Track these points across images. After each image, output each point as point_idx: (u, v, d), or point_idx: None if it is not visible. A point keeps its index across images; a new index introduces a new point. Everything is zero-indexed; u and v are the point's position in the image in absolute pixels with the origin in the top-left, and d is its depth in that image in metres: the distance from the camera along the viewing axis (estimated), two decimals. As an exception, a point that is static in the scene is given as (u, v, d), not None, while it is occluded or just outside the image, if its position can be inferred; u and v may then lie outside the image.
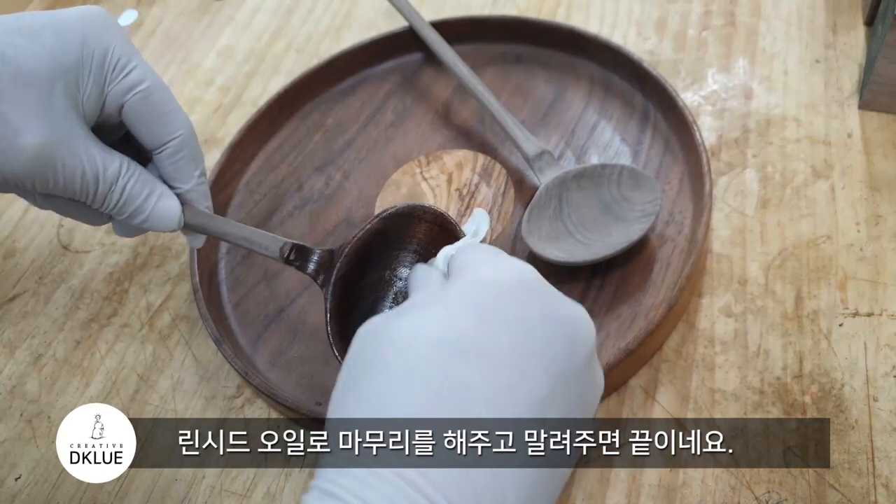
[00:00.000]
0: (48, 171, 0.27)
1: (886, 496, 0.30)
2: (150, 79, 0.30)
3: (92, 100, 0.28)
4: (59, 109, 0.27)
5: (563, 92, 0.46)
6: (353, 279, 0.31)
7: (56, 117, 0.27)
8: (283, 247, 0.32)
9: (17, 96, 0.26)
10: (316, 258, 0.32)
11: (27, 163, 0.27)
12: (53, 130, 0.27)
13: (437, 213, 0.31)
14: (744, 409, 0.33)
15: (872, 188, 0.39)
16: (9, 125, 0.26)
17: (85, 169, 0.28)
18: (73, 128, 0.28)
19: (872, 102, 0.41)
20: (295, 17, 0.58)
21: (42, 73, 0.27)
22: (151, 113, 0.30)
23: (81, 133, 0.28)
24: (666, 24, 0.49)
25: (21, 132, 0.26)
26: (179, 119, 0.31)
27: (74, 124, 0.28)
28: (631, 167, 0.38)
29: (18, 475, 0.37)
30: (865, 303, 0.35)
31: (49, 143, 0.27)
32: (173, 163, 0.31)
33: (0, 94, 0.26)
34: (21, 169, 0.27)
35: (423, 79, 0.49)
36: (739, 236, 0.38)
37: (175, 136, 0.31)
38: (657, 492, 0.31)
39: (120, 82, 0.29)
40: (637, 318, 0.36)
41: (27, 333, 0.43)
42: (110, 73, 0.29)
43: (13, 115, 0.26)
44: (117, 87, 0.29)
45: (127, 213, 0.30)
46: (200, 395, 0.38)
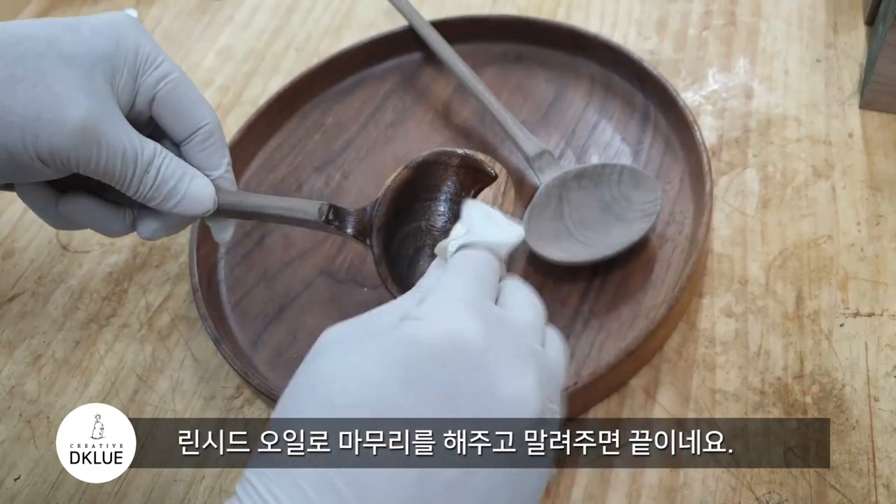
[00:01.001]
0: (92, 146, 0.28)
1: (887, 496, 0.30)
2: (177, 71, 0.31)
3: (126, 89, 0.30)
4: (99, 90, 0.28)
5: (564, 91, 0.46)
6: (392, 229, 0.32)
7: (98, 96, 0.28)
8: (322, 208, 0.32)
9: (62, 73, 0.27)
10: (353, 218, 0.33)
11: (72, 135, 0.27)
12: (97, 106, 0.28)
13: (462, 155, 0.32)
14: (744, 409, 0.33)
15: (873, 188, 0.39)
16: (56, 96, 0.27)
17: (126, 147, 0.29)
18: (113, 109, 0.29)
19: (873, 102, 0.41)
20: (295, 17, 0.57)
21: (83, 58, 0.28)
22: (181, 102, 0.31)
23: (119, 115, 0.29)
24: (666, 24, 0.49)
25: (67, 104, 0.27)
26: (206, 108, 0.32)
27: (113, 106, 0.29)
28: (631, 167, 0.38)
29: (18, 475, 0.37)
30: (866, 303, 0.35)
31: (92, 118, 0.27)
32: (202, 150, 0.32)
33: (46, 71, 0.27)
34: (66, 142, 0.27)
35: (423, 78, 0.49)
36: (740, 236, 0.38)
37: (203, 125, 0.32)
38: (658, 492, 0.31)
39: (151, 74, 0.30)
40: (638, 319, 0.35)
41: (26, 333, 0.43)
42: (142, 65, 0.30)
43: (59, 87, 0.27)
44: (149, 79, 0.30)
45: (162, 195, 0.31)
46: (200, 396, 0.38)
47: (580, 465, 0.32)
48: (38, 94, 0.26)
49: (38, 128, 0.26)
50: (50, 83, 0.27)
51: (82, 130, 0.27)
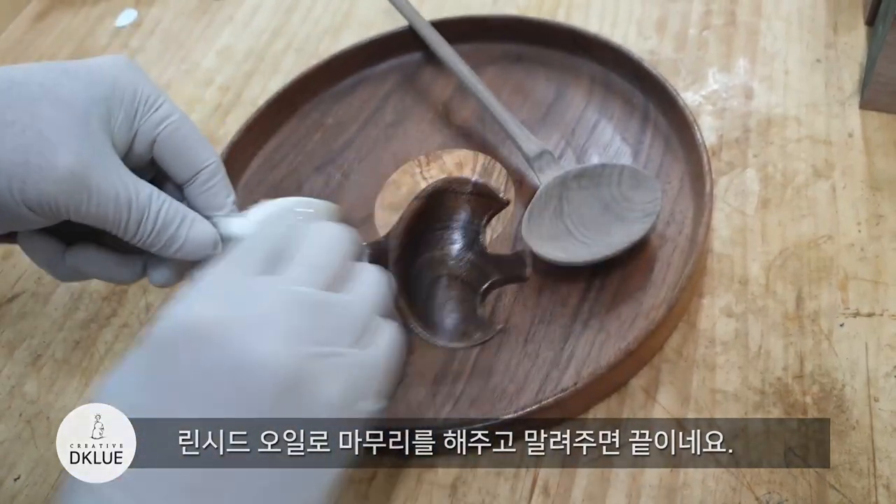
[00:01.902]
0: (82, 191, 0.27)
1: (887, 497, 0.30)
2: (178, 113, 0.31)
3: (123, 132, 0.29)
4: (93, 134, 0.27)
5: (564, 91, 0.46)
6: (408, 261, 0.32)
7: (91, 140, 0.27)
8: None
9: (55, 117, 0.27)
10: (369, 251, 0.33)
11: (62, 181, 0.26)
12: (88, 151, 0.27)
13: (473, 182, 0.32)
14: (744, 409, 0.33)
15: (873, 188, 0.39)
16: (46, 141, 0.26)
17: (119, 192, 0.28)
18: (107, 153, 0.28)
19: (873, 102, 0.41)
20: (294, 17, 0.57)
21: (78, 102, 0.27)
22: (182, 144, 0.31)
23: (114, 159, 0.28)
24: (666, 24, 0.49)
25: (58, 149, 0.26)
26: (207, 150, 0.31)
27: (108, 150, 0.28)
28: (631, 167, 0.38)
29: (17, 475, 0.37)
30: (866, 303, 0.35)
31: (84, 162, 0.27)
32: (206, 191, 0.31)
33: (39, 116, 0.26)
34: (54, 188, 0.26)
35: (423, 78, 0.49)
36: (740, 236, 0.38)
37: (206, 165, 0.31)
38: (657, 492, 0.31)
39: (150, 116, 0.30)
40: (638, 319, 0.35)
41: (26, 334, 0.43)
42: (141, 107, 0.30)
43: (50, 132, 0.26)
44: (148, 122, 0.30)
45: (162, 241, 0.30)
46: (200, 396, 0.38)
47: (580, 464, 0.33)
48: (27, 139, 0.26)
49: (25, 174, 0.26)
50: (40, 128, 0.26)
51: (71, 175, 0.26)
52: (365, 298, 0.26)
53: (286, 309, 0.23)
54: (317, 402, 0.23)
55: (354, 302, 0.26)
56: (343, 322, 0.25)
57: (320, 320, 0.24)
